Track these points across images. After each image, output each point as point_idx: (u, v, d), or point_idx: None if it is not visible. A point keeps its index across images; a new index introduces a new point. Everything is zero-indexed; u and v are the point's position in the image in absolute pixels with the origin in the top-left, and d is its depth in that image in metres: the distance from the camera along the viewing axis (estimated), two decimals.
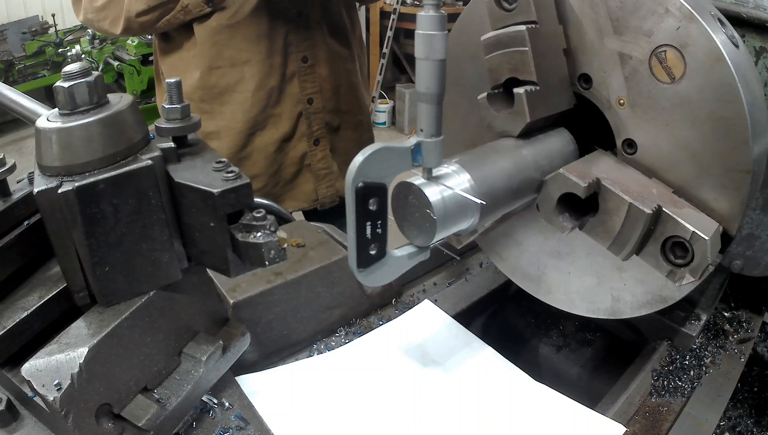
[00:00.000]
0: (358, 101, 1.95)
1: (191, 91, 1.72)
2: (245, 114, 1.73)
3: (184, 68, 1.72)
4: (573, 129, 0.98)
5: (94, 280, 0.71)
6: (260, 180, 1.82)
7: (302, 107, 1.78)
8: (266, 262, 0.71)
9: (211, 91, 1.72)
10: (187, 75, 1.72)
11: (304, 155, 1.84)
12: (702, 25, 0.77)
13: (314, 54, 1.75)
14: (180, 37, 1.71)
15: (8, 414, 0.79)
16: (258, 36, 1.65)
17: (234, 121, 1.74)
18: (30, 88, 6.62)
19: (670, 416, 0.97)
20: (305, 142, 1.82)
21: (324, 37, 1.77)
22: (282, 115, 1.77)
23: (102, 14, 1.65)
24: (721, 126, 0.80)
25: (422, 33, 0.69)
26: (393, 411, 0.95)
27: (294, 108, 1.77)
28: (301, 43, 1.72)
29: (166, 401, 0.77)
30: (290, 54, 1.72)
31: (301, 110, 1.78)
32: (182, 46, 1.72)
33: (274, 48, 1.68)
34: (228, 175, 0.71)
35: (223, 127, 1.75)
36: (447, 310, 1.18)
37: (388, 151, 0.72)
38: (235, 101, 1.72)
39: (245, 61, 1.67)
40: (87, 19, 1.71)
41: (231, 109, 1.73)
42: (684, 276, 0.83)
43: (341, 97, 1.87)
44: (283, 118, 1.77)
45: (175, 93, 0.78)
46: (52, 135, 0.68)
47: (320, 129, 1.83)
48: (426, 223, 0.76)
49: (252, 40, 1.65)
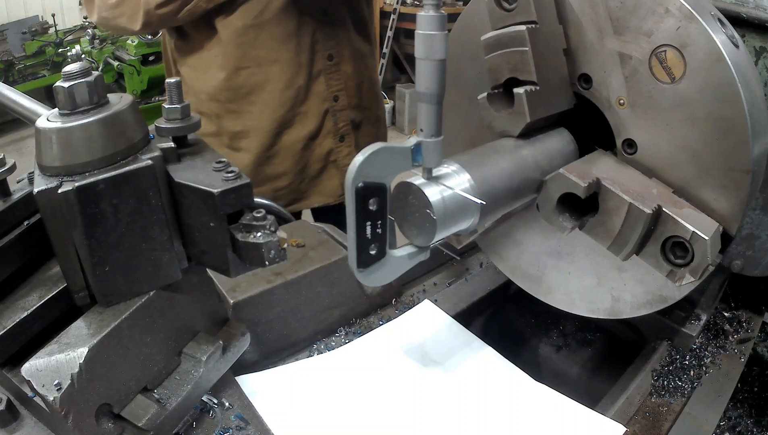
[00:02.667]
0: (376, 97, 1.99)
1: (217, 91, 1.72)
2: (273, 113, 1.74)
3: (206, 68, 1.72)
4: (573, 129, 0.98)
5: (94, 280, 0.71)
6: (287, 177, 1.82)
7: (328, 105, 1.80)
8: (266, 262, 0.71)
9: (239, 91, 1.72)
10: (210, 75, 1.71)
11: (329, 151, 1.85)
12: (702, 25, 0.77)
13: (339, 52, 1.77)
14: (199, 37, 1.70)
15: (8, 414, 0.79)
16: (285, 35, 1.66)
17: (262, 120, 1.74)
18: (30, 88, 6.62)
19: (670, 416, 0.97)
20: (331, 138, 1.84)
21: (348, 34, 1.79)
22: (308, 112, 1.78)
23: (118, 11, 1.61)
24: (721, 126, 0.80)
25: (422, 33, 0.69)
26: (393, 411, 0.95)
27: (320, 106, 1.78)
28: (327, 42, 1.73)
29: (166, 401, 0.77)
30: (317, 52, 1.73)
31: (328, 108, 1.80)
32: (203, 47, 1.70)
33: (301, 47, 1.69)
34: (228, 175, 0.71)
35: (251, 126, 1.76)
36: (447, 310, 1.18)
37: (388, 151, 0.72)
38: (263, 101, 1.72)
39: (273, 60, 1.68)
40: (101, 18, 1.67)
41: (259, 109, 1.73)
42: (684, 276, 0.83)
43: (363, 94, 1.89)
44: (310, 115, 1.78)
45: (175, 93, 0.78)
46: (52, 135, 0.68)
47: (345, 125, 1.85)
48: (426, 223, 0.76)
49: (279, 40, 1.66)
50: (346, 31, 1.78)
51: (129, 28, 1.62)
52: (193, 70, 1.76)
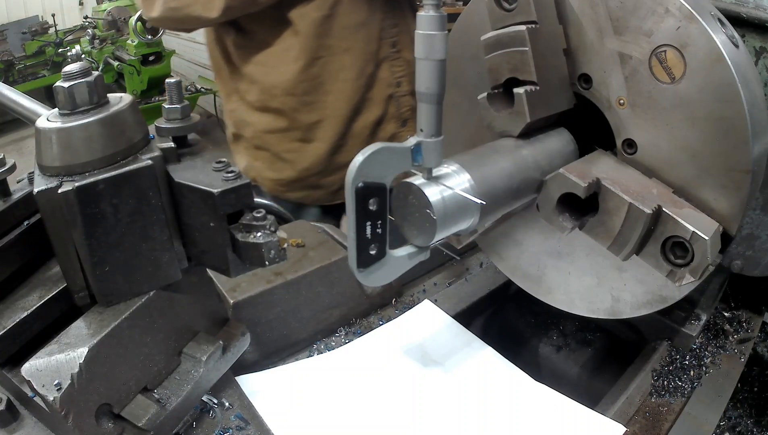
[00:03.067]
0: None
1: (292, 85, 1.72)
2: (348, 102, 1.77)
3: (277, 63, 1.72)
4: (573, 129, 0.98)
5: (94, 280, 0.71)
6: None
7: (392, 90, 1.84)
8: (266, 262, 0.71)
9: (314, 82, 1.73)
10: (283, 69, 1.71)
11: (392, 136, 1.89)
12: (702, 25, 0.77)
13: (401, 39, 1.81)
14: (266, 32, 1.69)
15: (8, 414, 0.79)
16: (357, 24, 1.69)
17: (336, 109, 1.77)
18: (30, 88, 6.63)
19: (670, 416, 0.97)
20: (393, 123, 1.88)
21: (407, 21, 1.83)
22: (374, 99, 1.81)
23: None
24: (721, 126, 0.80)
25: (422, 33, 0.69)
26: (393, 411, 0.95)
27: (384, 91, 1.82)
28: (391, 29, 1.78)
29: (166, 401, 0.77)
30: (383, 39, 1.77)
31: (391, 93, 1.84)
32: (271, 42, 1.70)
33: (371, 35, 1.73)
34: (228, 175, 0.71)
35: (325, 116, 1.78)
36: (447, 310, 1.18)
37: (388, 151, 0.72)
38: (337, 90, 1.75)
39: (345, 49, 1.70)
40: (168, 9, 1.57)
41: (333, 98, 1.76)
42: (684, 276, 0.83)
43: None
44: (375, 102, 1.82)
45: (175, 93, 0.78)
46: (52, 135, 0.68)
47: (408, 110, 1.89)
48: (426, 223, 0.76)
49: (352, 29, 1.68)
50: (406, 18, 1.82)
51: (204, 16, 1.54)
52: (261, 66, 1.75)
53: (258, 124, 1.82)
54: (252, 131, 1.85)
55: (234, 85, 1.84)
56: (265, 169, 1.88)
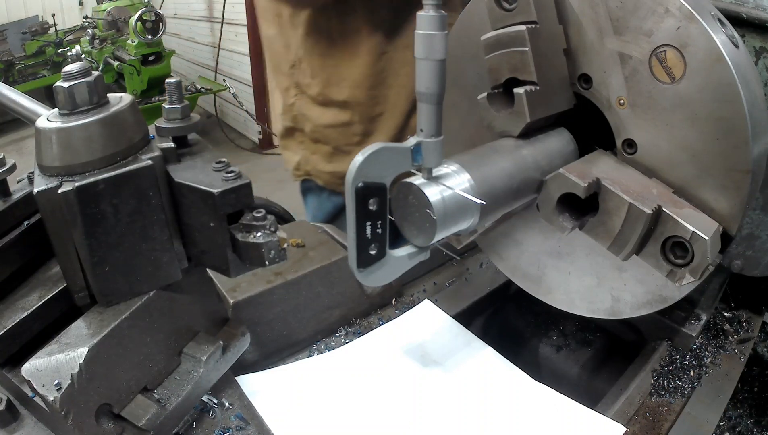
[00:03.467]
0: None
1: (363, 78, 1.74)
2: (408, 97, 1.79)
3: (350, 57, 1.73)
4: (573, 129, 0.98)
5: (94, 280, 0.71)
6: None
7: None
8: (266, 262, 0.71)
9: (380, 76, 1.75)
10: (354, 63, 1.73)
11: None
12: (702, 25, 0.77)
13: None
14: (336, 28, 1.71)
15: (8, 414, 0.79)
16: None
17: (398, 102, 1.79)
18: (30, 88, 6.64)
19: (670, 416, 0.97)
20: None
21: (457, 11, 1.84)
22: None
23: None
24: (721, 126, 0.80)
25: (422, 33, 0.69)
26: (393, 411, 0.95)
27: None
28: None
29: (166, 401, 0.77)
30: None
31: None
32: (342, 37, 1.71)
33: None
34: (228, 175, 0.71)
35: (387, 108, 1.80)
36: (447, 310, 1.18)
37: (388, 151, 0.72)
38: (399, 84, 1.77)
39: (407, 45, 1.70)
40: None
41: (395, 92, 1.78)
42: (684, 276, 0.83)
43: None
44: None
45: (175, 93, 0.78)
46: (52, 135, 0.68)
47: None
48: (426, 223, 0.76)
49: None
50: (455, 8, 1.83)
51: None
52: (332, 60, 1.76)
53: (319, 119, 1.84)
54: (312, 125, 1.86)
55: (294, 80, 1.86)
56: (323, 162, 1.90)
